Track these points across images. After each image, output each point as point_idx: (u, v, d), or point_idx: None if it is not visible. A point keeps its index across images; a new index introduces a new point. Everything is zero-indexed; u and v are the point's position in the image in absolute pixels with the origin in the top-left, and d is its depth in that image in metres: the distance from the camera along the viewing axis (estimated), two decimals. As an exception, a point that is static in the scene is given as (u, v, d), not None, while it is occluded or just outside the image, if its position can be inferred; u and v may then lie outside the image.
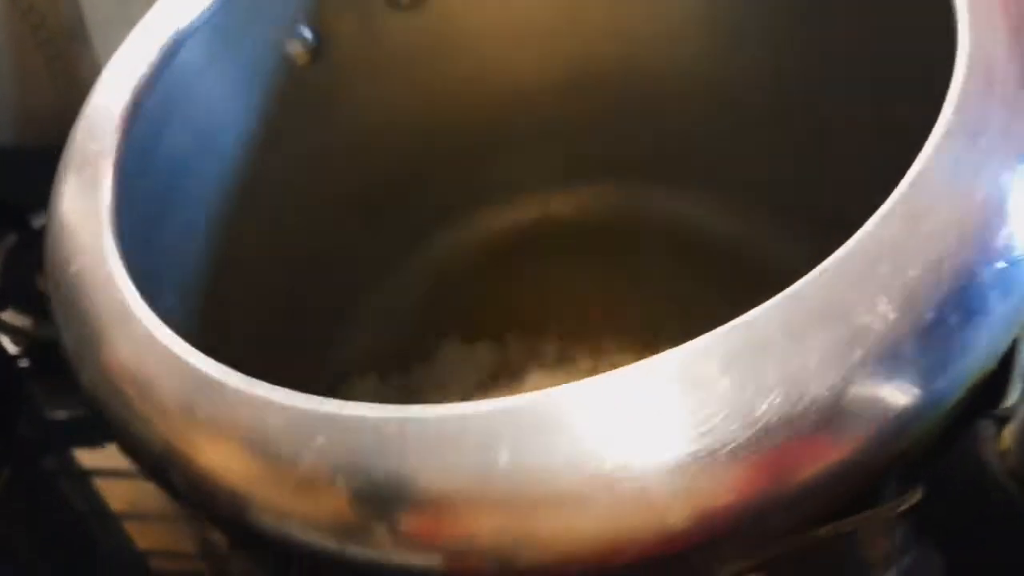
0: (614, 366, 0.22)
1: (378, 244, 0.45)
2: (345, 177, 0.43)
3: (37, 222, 0.56)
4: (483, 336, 0.45)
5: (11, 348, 0.50)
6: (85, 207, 0.29)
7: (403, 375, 0.44)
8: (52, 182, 0.30)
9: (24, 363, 0.28)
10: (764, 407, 0.21)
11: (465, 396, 0.43)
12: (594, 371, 0.43)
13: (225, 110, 0.37)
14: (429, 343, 0.45)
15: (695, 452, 0.20)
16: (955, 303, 0.22)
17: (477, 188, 0.47)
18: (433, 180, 0.45)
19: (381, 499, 0.21)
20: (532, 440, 0.21)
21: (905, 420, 0.21)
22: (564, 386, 0.22)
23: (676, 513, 0.20)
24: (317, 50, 0.39)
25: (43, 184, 0.29)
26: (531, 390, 0.41)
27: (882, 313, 0.21)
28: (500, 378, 0.44)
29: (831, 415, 0.21)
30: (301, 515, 0.22)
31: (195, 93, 0.36)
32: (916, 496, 0.22)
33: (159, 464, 0.24)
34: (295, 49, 0.39)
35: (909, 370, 0.21)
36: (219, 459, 0.23)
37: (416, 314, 0.46)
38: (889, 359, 0.21)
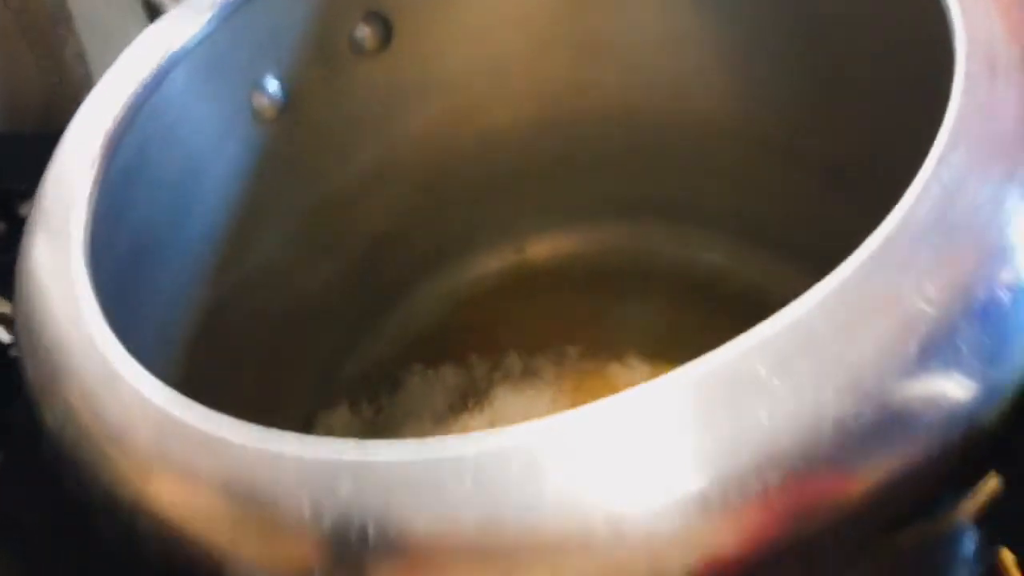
0: (580, 372, 0.20)
1: (357, 300, 0.45)
2: (323, 230, 0.42)
3: (25, 209, 0.56)
4: (446, 360, 0.45)
5: (4, 336, 0.49)
6: (58, 264, 0.28)
7: (373, 407, 0.44)
8: (39, 169, 0.29)
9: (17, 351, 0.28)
10: (826, 408, 0.19)
11: (437, 421, 0.42)
12: (560, 379, 0.43)
13: (197, 167, 0.36)
14: (397, 373, 0.45)
15: (746, 467, 0.19)
16: (1005, 280, 0.20)
17: (458, 233, 0.46)
18: (414, 228, 0.45)
19: (349, 547, 0.20)
20: (511, 487, 0.19)
21: (972, 409, 0.20)
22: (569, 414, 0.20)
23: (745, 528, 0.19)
24: (285, 103, 0.38)
25: (30, 170, 0.29)
26: (500, 408, 0.42)
27: (931, 297, 0.20)
28: (469, 398, 0.43)
29: (895, 412, 0.19)
30: (268, 558, 0.21)
31: (167, 149, 0.34)
32: (989, 493, 0.21)
33: (126, 512, 0.23)
34: (262, 103, 0.38)
35: (968, 356, 0.20)
36: (187, 502, 0.22)
37: (384, 349, 0.46)
38: (946, 345, 0.20)
